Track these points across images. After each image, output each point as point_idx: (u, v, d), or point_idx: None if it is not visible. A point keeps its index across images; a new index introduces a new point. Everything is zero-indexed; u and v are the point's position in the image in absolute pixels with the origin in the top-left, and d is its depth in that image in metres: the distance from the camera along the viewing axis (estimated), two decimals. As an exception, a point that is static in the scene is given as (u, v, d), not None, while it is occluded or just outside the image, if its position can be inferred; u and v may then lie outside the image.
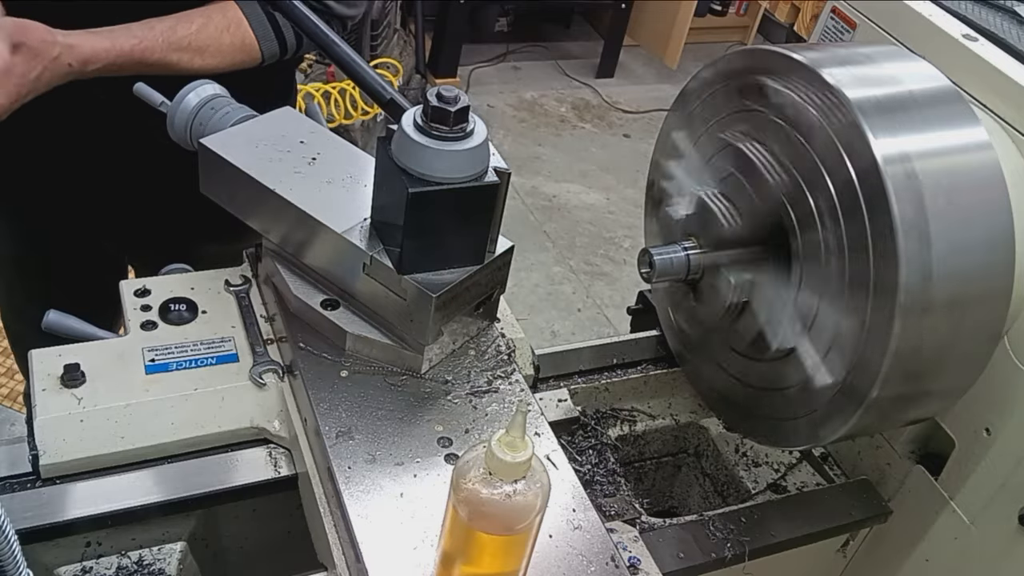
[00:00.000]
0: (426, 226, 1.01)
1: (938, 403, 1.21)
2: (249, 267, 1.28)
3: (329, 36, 1.14)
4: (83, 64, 1.19)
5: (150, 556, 1.13)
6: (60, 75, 1.18)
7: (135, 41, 1.23)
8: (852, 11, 1.48)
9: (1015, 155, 1.22)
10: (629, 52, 5.21)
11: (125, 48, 1.22)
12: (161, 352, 1.15)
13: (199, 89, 1.22)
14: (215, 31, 1.29)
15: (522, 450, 0.79)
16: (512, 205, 3.67)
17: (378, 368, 1.11)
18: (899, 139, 1.04)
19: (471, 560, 0.85)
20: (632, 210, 4.03)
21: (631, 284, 3.53)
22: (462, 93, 0.97)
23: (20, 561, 0.75)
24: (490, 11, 4.92)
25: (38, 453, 1.05)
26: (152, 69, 1.25)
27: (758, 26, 5.53)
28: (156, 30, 1.25)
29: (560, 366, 1.45)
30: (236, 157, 1.15)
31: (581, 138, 4.55)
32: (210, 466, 1.13)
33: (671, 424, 1.53)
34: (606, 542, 0.97)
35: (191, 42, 1.27)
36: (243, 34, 1.32)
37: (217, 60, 1.30)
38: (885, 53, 1.22)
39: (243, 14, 1.31)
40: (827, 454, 1.50)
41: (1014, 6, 1.39)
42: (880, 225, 1.02)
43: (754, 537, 1.29)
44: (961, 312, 1.06)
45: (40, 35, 1.15)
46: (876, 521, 1.42)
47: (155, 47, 1.24)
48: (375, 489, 0.97)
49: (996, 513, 1.29)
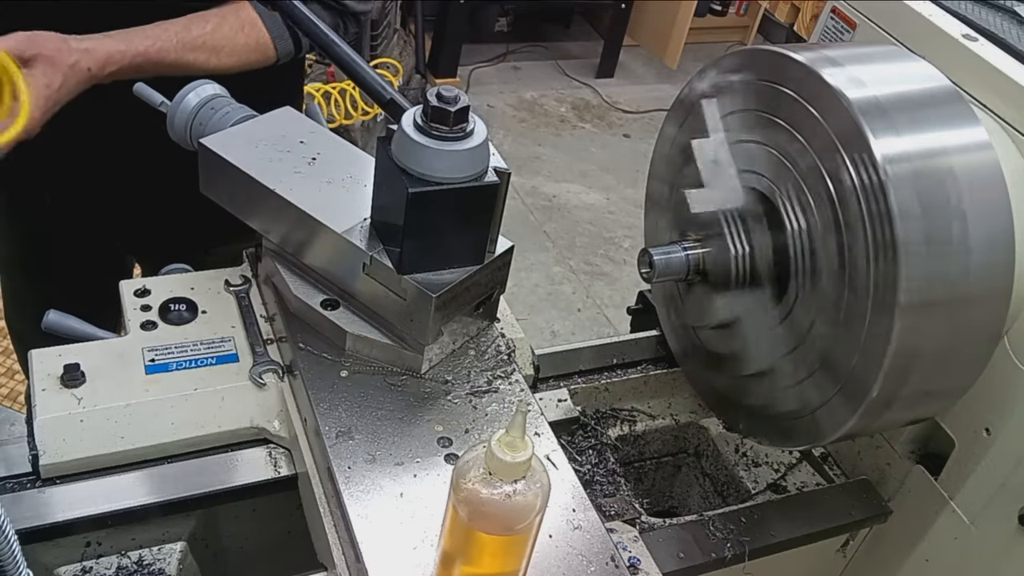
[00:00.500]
0: (426, 226, 1.01)
1: (938, 403, 1.21)
2: (249, 267, 1.28)
3: (329, 36, 1.14)
4: (101, 67, 1.19)
5: (150, 556, 1.13)
6: (81, 81, 1.18)
7: (149, 42, 1.23)
8: (852, 11, 1.48)
9: (1015, 155, 1.22)
10: (629, 52, 5.20)
11: (140, 49, 1.22)
12: (161, 352, 1.15)
13: (199, 89, 1.22)
14: (230, 31, 1.30)
15: (522, 450, 0.79)
16: (512, 205, 3.68)
17: (378, 368, 1.11)
18: (899, 139, 1.04)
19: (471, 560, 0.85)
20: (632, 210, 4.03)
21: (631, 284, 3.53)
22: (462, 93, 0.97)
23: (20, 561, 0.75)
24: (490, 11, 4.92)
25: (38, 453, 1.05)
26: (168, 70, 1.26)
27: (758, 26, 5.53)
28: (170, 31, 1.25)
29: (560, 366, 1.45)
30: (236, 157, 1.15)
31: (581, 138, 4.55)
32: (210, 466, 1.13)
33: (671, 424, 1.53)
34: (606, 542, 0.97)
35: (205, 42, 1.28)
36: (258, 34, 1.32)
37: (232, 60, 1.31)
38: (885, 53, 1.23)
39: (257, 14, 1.32)
40: (827, 454, 1.50)
41: (1014, 6, 1.39)
42: (880, 225, 1.02)
43: (754, 537, 1.29)
44: (961, 312, 1.06)
45: (53, 44, 1.15)
46: (876, 521, 1.42)
47: (170, 48, 1.25)
48: (375, 489, 0.97)
49: (996, 513, 1.29)
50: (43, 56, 1.14)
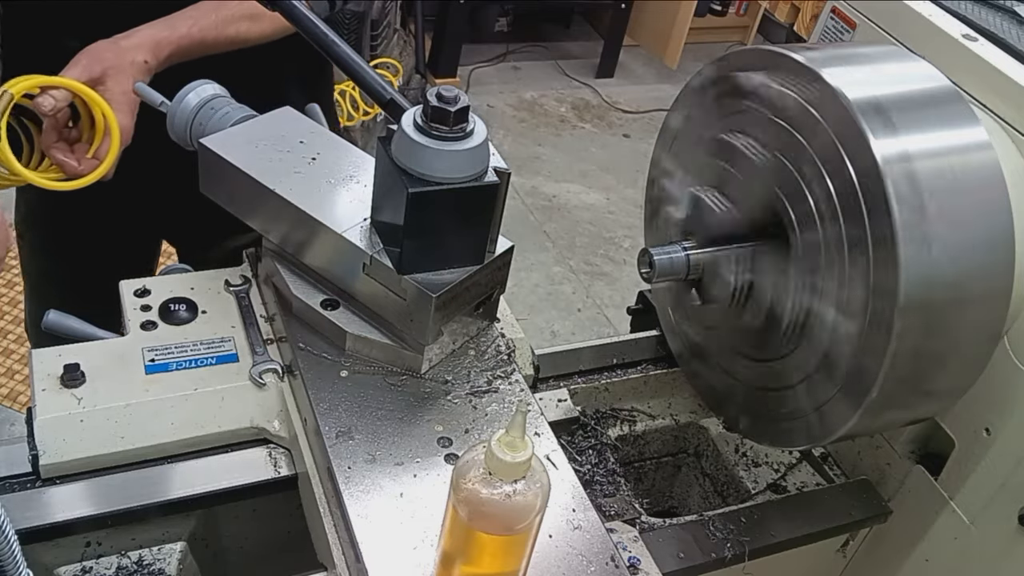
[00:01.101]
0: (426, 226, 1.01)
1: (938, 403, 1.21)
2: (249, 267, 1.28)
3: (329, 36, 1.14)
4: (155, 55, 1.22)
5: (150, 556, 1.13)
6: (145, 73, 1.21)
7: (191, 22, 1.25)
8: (852, 11, 1.48)
9: (1015, 155, 1.22)
10: (629, 52, 5.20)
11: (183, 31, 1.24)
12: (161, 352, 1.15)
13: (199, 89, 1.22)
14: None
15: (522, 450, 0.79)
16: (512, 205, 3.67)
17: (378, 368, 1.11)
18: (899, 139, 1.04)
19: (471, 560, 0.85)
20: (632, 210, 4.03)
21: (631, 284, 3.53)
22: (462, 93, 0.97)
23: (20, 561, 0.75)
24: (490, 11, 4.92)
25: (38, 453, 1.05)
26: (215, 47, 1.28)
27: (758, 26, 5.53)
28: (205, 9, 1.27)
29: (560, 366, 1.45)
30: (236, 157, 1.15)
31: (581, 138, 4.55)
32: (210, 466, 1.13)
33: (671, 424, 1.53)
34: (606, 542, 0.97)
35: (243, 12, 1.29)
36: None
37: (272, 25, 1.31)
38: (885, 53, 1.23)
39: None
40: (827, 454, 1.50)
41: (1014, 6, 1.39)
42: (880, 225, 1.02)
43: (754, 537, 1.29)
44: (961, 312, 1.06)
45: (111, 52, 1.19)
46: (876, 521, 1.42)
47: (210, 25, 1.27)
48: (375, 489, 0.97)
49: (996, 513, 1.29)
50: (109, 68, 1.18)
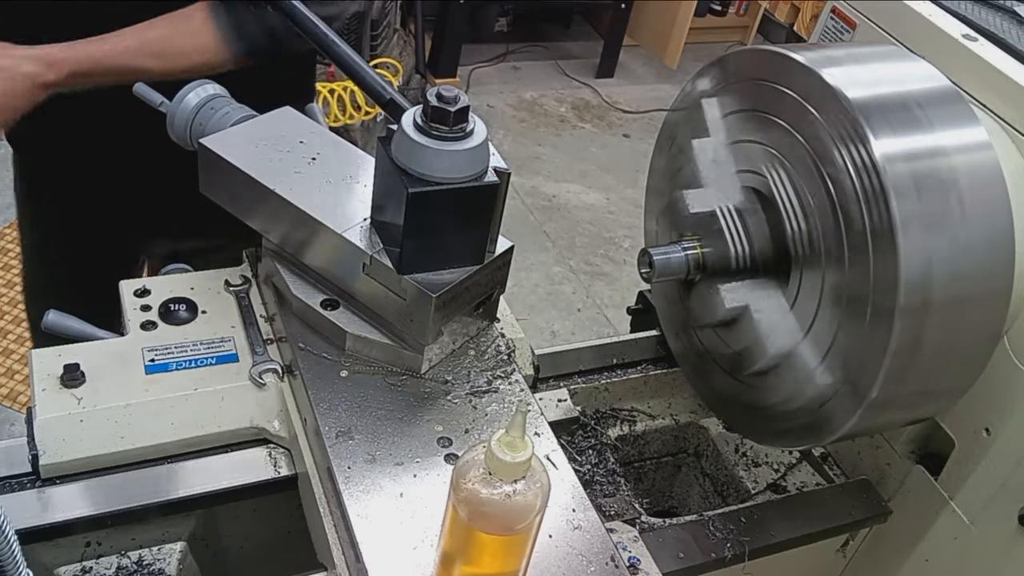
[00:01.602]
0: (426, 226, 1.01)
1: (938, 403, 1.21)
2: (249, 267, 1.28)
3: (329, 36, 1.14)
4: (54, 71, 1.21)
5: (150, 556, 1.13)
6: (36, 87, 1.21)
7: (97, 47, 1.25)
8: (852, 11, 1.48)
9: (1015, 155, 1.22)
10: (629, 52, 5.20)
11: (89, 54, 1.24)
12: (161, 352, 1.15)
13: (199, 89, 1.22)
14: (179, 36, 1.30)
15: (522, 450, 0.79)
16: (512, 205, 3.68)
17: (378, 368, 1.11)
18: (899, 139, 1.04)
19: (471, 560, 0.85)
20: (632, 210, 4.03)
21: (631, 284, 3.53)
22: (462, 93, 0.97)
23: (20, 561, 0.75)
24: (490, 11, 4.92)
25: (38, 453, 1.05)
26: (118, 75, 1.27)
27: (758, 26, 5.53)
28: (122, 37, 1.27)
29: (560, 366, 1.45)
30: (236, 157, 1.15)
31: (581, 138, 4.55)
32: (210, 466, 1.13)
33: (671, 424, 1.53)
34: (606, 542, 0.97)
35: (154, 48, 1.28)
36: (207, 37, 1.32)
37: (182, 63, 1.31)
38: (885, 53, 1.23)
39: (209, 16, 1.31)
40: (827, 454, 1.50)
41: (1014, 6, 1.39)
42: (880, 225, 1.02)
43: (754, 537, 1.29)
44: (961, 312, 1.06)
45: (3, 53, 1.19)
46: (876, 521, 1.42)
47: (117, 53, 1.26)
48: (375, 489, 0.97)
49: (996, 513, 1.29)
50: None
